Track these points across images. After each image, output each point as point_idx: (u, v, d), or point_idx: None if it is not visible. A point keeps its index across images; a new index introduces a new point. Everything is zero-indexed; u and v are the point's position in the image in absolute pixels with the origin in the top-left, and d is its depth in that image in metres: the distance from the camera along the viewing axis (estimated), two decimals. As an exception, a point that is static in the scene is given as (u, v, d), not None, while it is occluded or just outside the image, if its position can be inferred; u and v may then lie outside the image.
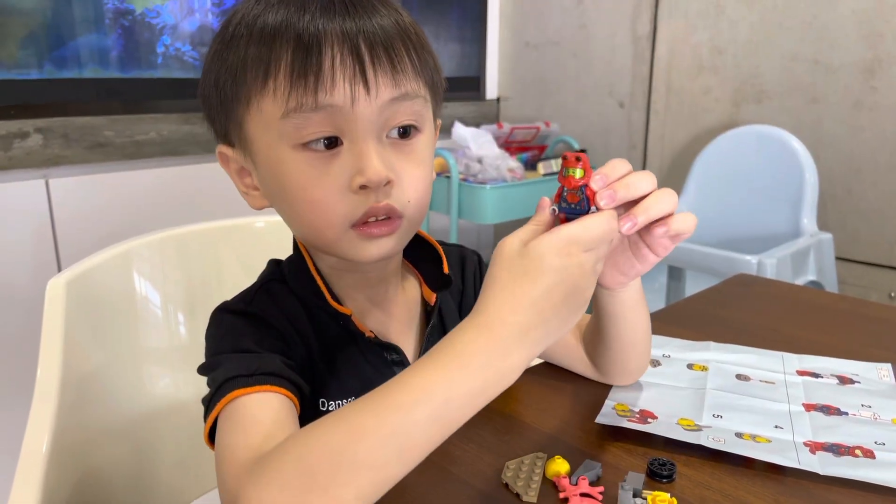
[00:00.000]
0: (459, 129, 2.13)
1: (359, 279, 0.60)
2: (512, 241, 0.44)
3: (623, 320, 0.61)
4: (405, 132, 0.54)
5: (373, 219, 0.53)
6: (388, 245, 0.55)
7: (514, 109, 2.47)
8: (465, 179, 1.99)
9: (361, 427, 0.40)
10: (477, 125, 2.25)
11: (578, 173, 0.47)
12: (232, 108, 0.54)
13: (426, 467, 0.54)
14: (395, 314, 0.63)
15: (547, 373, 0.72)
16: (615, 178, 0.48)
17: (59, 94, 1.54)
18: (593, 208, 0.47)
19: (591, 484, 0.52)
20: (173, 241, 0.87)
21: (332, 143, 0.51)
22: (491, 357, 0.41)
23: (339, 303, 0.59)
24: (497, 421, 0.62)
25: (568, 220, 0.46)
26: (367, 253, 0.54)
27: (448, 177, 2.01)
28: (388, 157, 0.52)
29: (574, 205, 0.46)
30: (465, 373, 0.41)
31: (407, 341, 0.63)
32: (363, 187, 0.51)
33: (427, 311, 0.64)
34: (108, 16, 1.61)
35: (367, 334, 0.58)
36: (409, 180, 0.54)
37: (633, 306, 0.60)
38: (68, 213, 1.54)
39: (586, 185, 0.46)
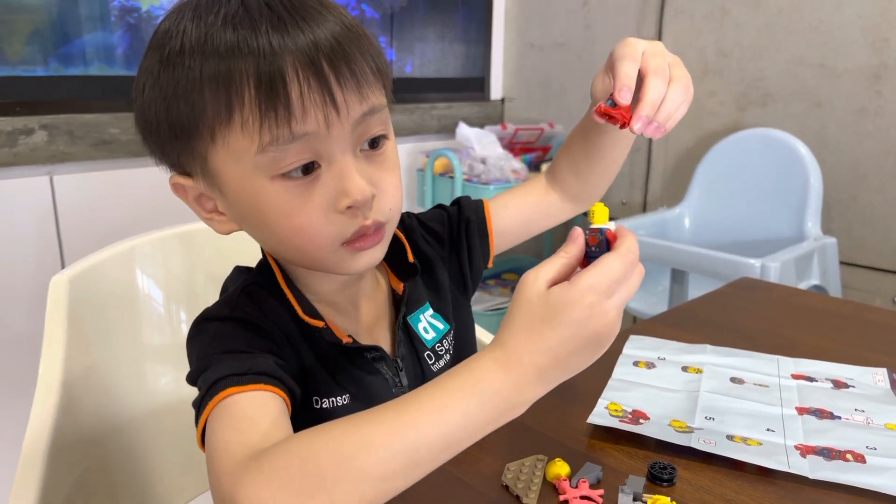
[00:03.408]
0: (463, 130, 2.13)
1: (336, 282, 0.60)
2: (536, 280, 0.44)
3: (620, 140, 0.66)
4: (376, 142, 0.54)
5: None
6: (376, 254, 0.56)
7: (518, 110, 2.47)
8: (468, 180, 1.99)
9: (373, 440, 0.41)
10: (481, 126, 2.25)
11: (597, 214, 0.47)
12: (190, 143, 0.52)
13: (426, 468, 0.54)
14: (370, 308, 0.64)
15: (548, 375, 0.72)
16: (634, 86, 0.53)
17: (64, 91, 1.54)
18: None
19: (592, 487, 0.52)
20: (177, 239, 0.88)
21: (309, 167, 0.51)
22: (506, 390, 0.42)
23: (314, 309, 0.59)
24: (498, 422, 0.62)
25: (589, 261, 0.45)
26: (357, 265, 0.55)
27: (452, 177, 2.01)
28: (366, 170, 0.53)
29: (594, 247, 0.46)
30: (480, 400, 0.42)
31: (384, 334, 0.64)
32: (350, 207, 0.51)
33: (396, 299, 0.65)
34: (113, 13, 1.61)
35: (345, 341, 0.58)
36: (388, 189, 0.55)
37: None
38: (72, 209, 1.54)
39: (606, 229, 0.46)
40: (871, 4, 1.61)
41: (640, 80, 0.53)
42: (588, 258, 0.45)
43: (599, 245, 0.45)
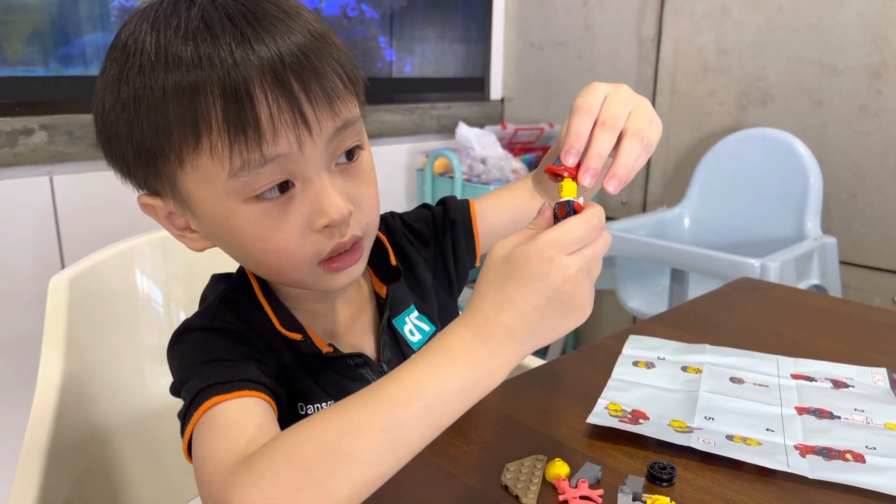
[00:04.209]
0: (463, 130, 2.13)
1: (316, 293, 0.60)
2: (503, 247, 0.44)
3: None
4: (351, 154, 0.53)
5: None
6: (356, 271, 0.55)
7: (518, 110, 2.47)
8: (468, 180, 1.99)
9: (356, 423, 0.40)
10: (481, 126, 2.25)
11: (565, 188, 0.48)
12: (157, 165, 0.50)
13: (426, 468, 0.54)
14: (353, 313, 0.64)
15: (548, 375, 0.72)
16: (583, 146, 0.49)
17: (64, 91, 1.54)
18: None
19: (591, 487, 0.52)
20: (175, 240, 0.87)
21: (284, 186, 0.50)
22: (478, 354, 0.42)
23: (294, 320, 0.58)
24: (497, 423, 0.62)
25: None
26: (336, 283, 0.55)
27: (451, 177, 2.01)
28: (342, 186, 0.52)
29: (563, 219, 0.46)
30: (455, 368, 0.41)
31: (368, 339, 0.64)
32: (327, 227, 0.50)
33: (380, 302, 0.65)
34: (113, 13, 1.61)
35: (325, 350, 0.58)
36: (366, 202, 0.54)
37: None
38: (72, 210, 1.54)
39: (574, 202, 0.46)
40: (871, 3, 1.61)
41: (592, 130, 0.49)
42: None
43: (567, 216, 0.46)
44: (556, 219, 0.46)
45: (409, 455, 0.41)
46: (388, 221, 0.69)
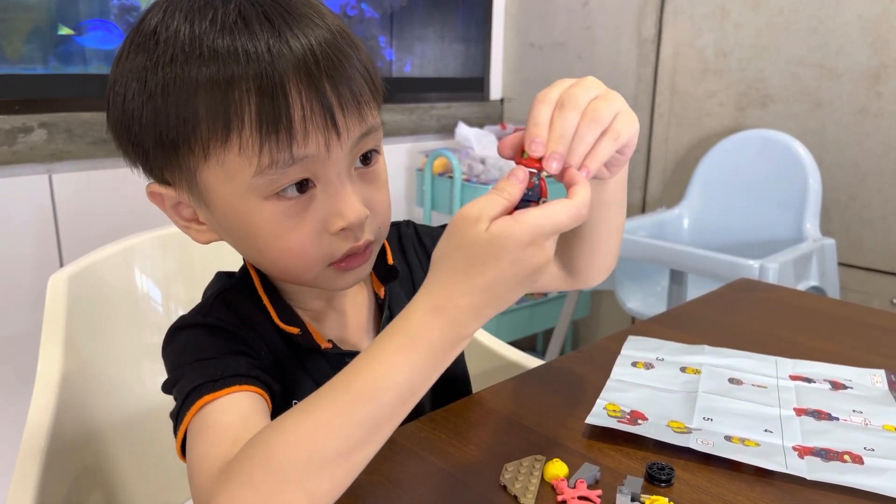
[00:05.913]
0: (463, 130, 2.13)
1: (317, 290, 0.60)
2: (479, 220, 0.42)
3: (608, 205, 0.60)
4: (367, 158, 0.53)
5: None
6: (364, 272, 0.55)
7: (517, 110, 2.47)
8: (467, 180, 1.99)
9: (327, 420, 0.41)
10: (480, 126, 2.25)
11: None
12: (179, 156, 0.49)
13: (424, 468, 0.54)
14: (353, 313, 0.64)
15: (547, 375, 0.72)
16: (546, 134, 0.45)
17: (63, 89, 1.54)
18: (544, 200, 0.45)
19: (590, 487, 0.52)
20: (175, 238, 0.88)
21: (303, 186, 0.50)
22: (446, 336, 0.42)
23: (293, 315, 0.58)
24: (496, 423, 0.62)
25: (521, 203, 0.44)
26: (344, 283, 0.55)
27: (451, 177, 2.01)
28: (360, 190, 0.52)
29: (529, 190, 0.44)
30: (422, 353, 0.42)
31: (366, 338, 0.64)
32: (343, 229, 0.51)
33: (379, 303, 0.65)
34: (113, 11, 1.61)
35: (324, 346, 0.58)
36: (379, 207, 0.54)
37: (620, 188, 0.60)
38: (71, 208, 1.54)
39: (541, 176, 0.45)
40: (871, 5, 1.61)
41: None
42: (522, 200, 0.44)
43: (534, 190, 0.44)
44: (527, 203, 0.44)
45: (385, 438, 0.43)
46: (401, 228, 0.69)
